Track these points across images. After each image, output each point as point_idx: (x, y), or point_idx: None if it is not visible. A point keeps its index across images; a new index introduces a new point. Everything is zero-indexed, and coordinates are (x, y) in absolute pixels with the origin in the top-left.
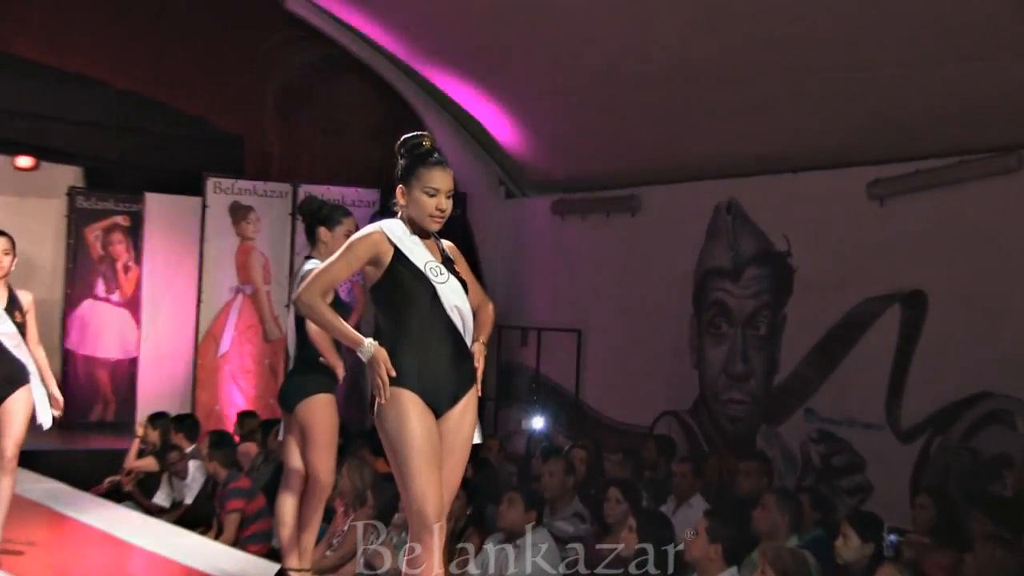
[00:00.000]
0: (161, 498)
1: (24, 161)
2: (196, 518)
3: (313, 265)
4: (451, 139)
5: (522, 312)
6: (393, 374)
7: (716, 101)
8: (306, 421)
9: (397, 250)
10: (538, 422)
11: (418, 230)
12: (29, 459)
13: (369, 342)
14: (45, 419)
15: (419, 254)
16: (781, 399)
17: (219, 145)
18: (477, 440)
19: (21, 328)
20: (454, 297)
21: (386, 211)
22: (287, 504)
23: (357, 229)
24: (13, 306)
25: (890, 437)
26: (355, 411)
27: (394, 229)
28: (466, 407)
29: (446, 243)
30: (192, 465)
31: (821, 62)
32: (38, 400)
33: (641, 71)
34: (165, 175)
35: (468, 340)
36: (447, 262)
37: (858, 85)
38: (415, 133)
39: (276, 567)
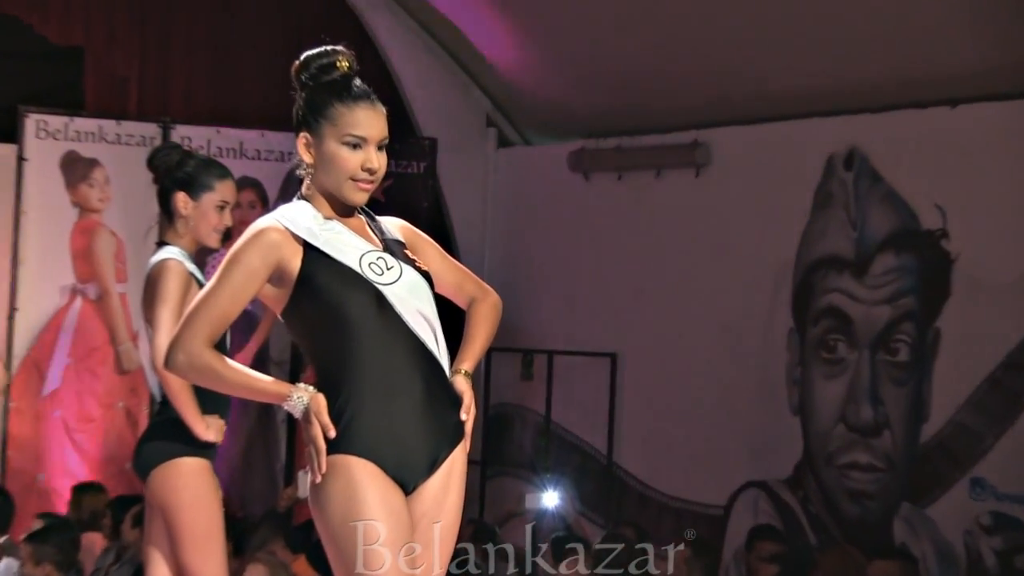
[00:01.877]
0: None
1: None
2: None
3: (169, 255)
4: (414, 55)
5: (524, 327)
6: (332, 434)
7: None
8: (165, 501)
9: (309, 249)
10: (549, 498)
11: (338, 207)
12: None
13: (302, 388)
14: None
15: (347, 245)
16: (933, 464)
17: (45, 64)
18: None
19: None
20: (414, 300)
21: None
22: None
23: (237, 199)
24: None
25: None
26: (260, 480)
27: (298, 218)
28: (450, 476)
29: (388, 220)
30: (1, 567)
31: None
32: None
33: None
34: None
35: (443, 362)
36: (394, 247)
37: None
38: (323, 49)
39: None
